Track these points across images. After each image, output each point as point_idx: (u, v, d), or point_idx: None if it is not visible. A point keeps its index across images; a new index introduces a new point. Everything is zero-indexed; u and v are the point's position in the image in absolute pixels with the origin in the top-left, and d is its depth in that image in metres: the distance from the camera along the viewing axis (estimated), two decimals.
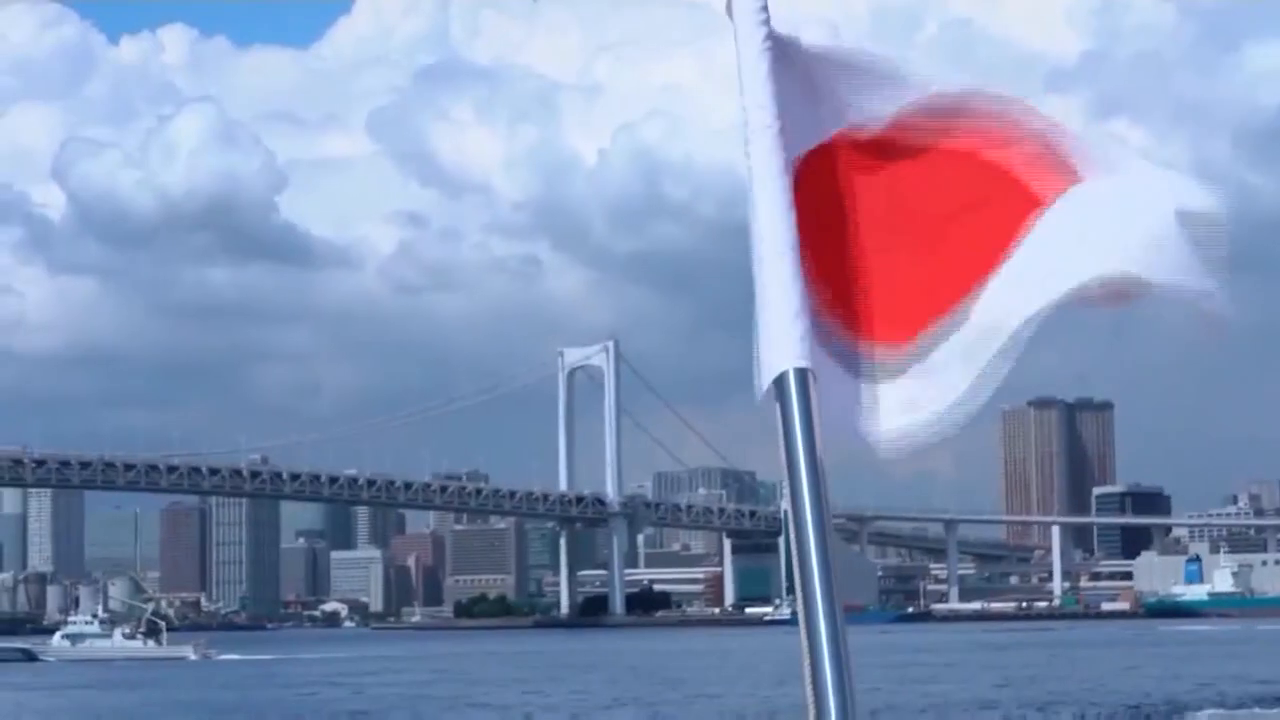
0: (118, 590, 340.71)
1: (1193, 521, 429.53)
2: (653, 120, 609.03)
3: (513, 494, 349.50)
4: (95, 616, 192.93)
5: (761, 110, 3.90)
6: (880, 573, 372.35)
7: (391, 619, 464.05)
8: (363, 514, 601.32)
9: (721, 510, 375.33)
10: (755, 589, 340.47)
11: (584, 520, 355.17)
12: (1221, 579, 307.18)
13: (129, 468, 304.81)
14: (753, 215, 3.81)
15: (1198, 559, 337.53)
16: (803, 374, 3.69)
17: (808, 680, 3.45)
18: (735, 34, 3.98)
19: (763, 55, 3.94)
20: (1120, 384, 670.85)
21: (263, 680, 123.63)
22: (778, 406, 3.69)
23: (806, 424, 3.65)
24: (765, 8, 3.96)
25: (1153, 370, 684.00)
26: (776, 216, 3.80)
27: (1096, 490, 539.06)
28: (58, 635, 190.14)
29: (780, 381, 3.69)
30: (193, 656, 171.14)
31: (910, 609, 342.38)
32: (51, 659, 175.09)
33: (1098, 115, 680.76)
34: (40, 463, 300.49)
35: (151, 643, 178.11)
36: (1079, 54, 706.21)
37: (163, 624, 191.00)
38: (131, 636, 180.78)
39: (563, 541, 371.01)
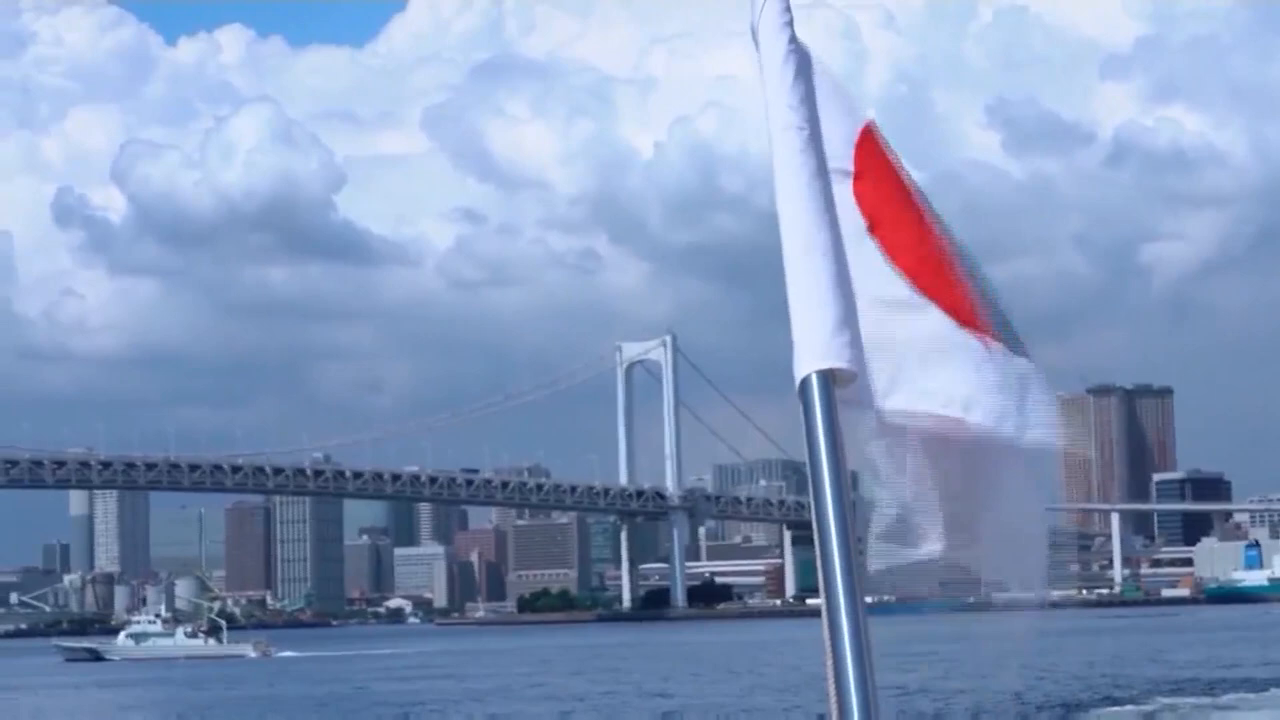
0: (183, 589, 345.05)
1: (1253, 507, 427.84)
2: (708, 112, 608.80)
3: (573, 489, 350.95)
4: (158, 616, 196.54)
5: (790, 110, 3.93)
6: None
7: (455, 614, 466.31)
8: (425, 510, 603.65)
9: (781, 502, 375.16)
10: (816, 580, 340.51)
11: (645, 514, 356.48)
12: None
13: (194, 468, 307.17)
14: (780, 215, 3.86)
15: (1257, 544, 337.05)
16: (825, 375, 3.73)
17: (830, 678, 3.55)
18: (758, 37, 4.02)
19: (789, 58, 3.98)
20: (1180, 369, 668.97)
21: (319, 677, 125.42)
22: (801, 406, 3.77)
23: (829, 424, 3.72)
24: (788, 9, 4.01)
25: (1212, 355, 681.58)
26: (808, 217, 3.83)
27: (1157, 477, 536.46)
28: (122, 634, 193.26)
29: (804, 382, 3.75)
30: (252, 654, 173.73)
31: (971, 598, 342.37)
32: (116, 658, 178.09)
33: (1155, 101, 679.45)
34: (106, 464, 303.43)
35: (212, 641, 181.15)
36: (1134, 39, 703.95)
37: (223, 623, 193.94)
38: (193, 635, 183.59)
39: (624, 535, 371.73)
